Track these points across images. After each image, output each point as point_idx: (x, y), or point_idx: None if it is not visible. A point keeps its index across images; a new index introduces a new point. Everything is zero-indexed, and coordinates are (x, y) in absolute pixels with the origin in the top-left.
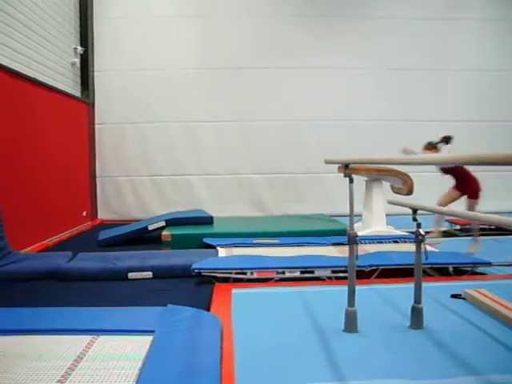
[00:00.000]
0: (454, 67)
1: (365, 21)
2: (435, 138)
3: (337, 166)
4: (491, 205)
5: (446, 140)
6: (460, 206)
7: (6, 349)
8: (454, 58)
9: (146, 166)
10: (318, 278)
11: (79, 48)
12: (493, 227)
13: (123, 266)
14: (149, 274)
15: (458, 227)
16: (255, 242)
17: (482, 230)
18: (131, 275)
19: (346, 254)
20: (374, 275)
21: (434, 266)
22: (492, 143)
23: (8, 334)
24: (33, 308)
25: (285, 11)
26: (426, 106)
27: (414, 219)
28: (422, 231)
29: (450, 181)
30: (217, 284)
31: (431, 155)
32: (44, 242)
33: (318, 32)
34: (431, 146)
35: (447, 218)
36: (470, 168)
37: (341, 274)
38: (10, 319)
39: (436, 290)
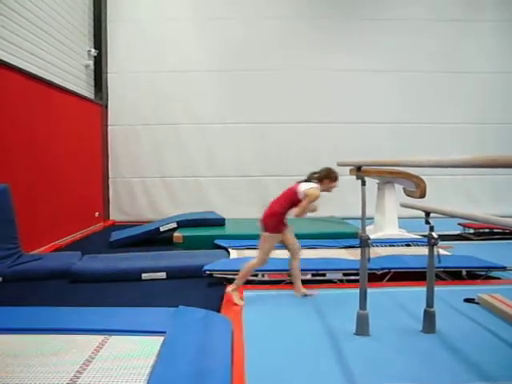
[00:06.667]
0: (465, 69)
1: (377, 22)
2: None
3: (348, 168)
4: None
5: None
6: (475, 208)
7: (19, 347)
8: (465, 60)
9: (158, 168)
10: (329, 281)
11: (93, 50)
12: (507, 231)
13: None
14: (162, 275)
15: (472, 231)
16: None
17: (497, 233)
18: (145, 276)
19: (358, 257)
20: (386, 278)
21: (447, 269)
22: (504, 145)
23: (20, 332)
24: (44, 307)
25: (300, 14)
26: (437, 108)
27: (427, 222)
28: (434, 234)
29: (463, 183)
30: (228, 286)
31: (447, 157)
32: (56, 242)
33: (330, 34)
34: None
35: (461, 221)
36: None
37: (352, 277)
38: (21, 318)
39: (449, 294)
